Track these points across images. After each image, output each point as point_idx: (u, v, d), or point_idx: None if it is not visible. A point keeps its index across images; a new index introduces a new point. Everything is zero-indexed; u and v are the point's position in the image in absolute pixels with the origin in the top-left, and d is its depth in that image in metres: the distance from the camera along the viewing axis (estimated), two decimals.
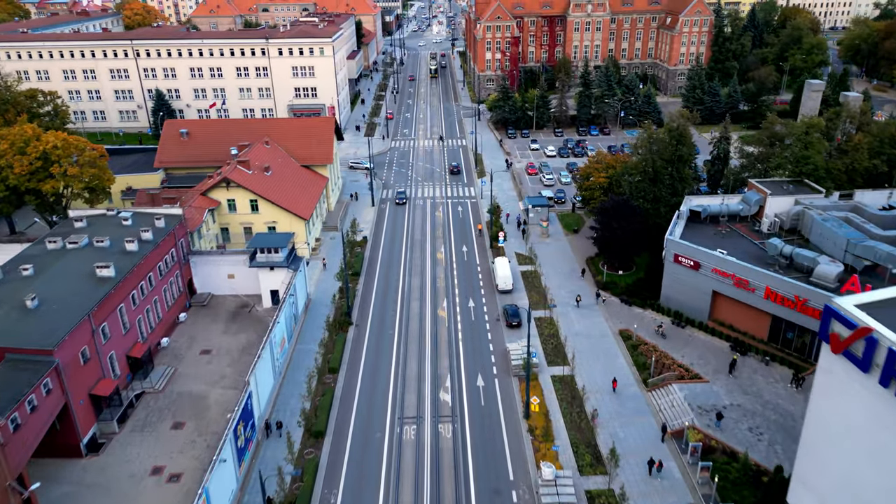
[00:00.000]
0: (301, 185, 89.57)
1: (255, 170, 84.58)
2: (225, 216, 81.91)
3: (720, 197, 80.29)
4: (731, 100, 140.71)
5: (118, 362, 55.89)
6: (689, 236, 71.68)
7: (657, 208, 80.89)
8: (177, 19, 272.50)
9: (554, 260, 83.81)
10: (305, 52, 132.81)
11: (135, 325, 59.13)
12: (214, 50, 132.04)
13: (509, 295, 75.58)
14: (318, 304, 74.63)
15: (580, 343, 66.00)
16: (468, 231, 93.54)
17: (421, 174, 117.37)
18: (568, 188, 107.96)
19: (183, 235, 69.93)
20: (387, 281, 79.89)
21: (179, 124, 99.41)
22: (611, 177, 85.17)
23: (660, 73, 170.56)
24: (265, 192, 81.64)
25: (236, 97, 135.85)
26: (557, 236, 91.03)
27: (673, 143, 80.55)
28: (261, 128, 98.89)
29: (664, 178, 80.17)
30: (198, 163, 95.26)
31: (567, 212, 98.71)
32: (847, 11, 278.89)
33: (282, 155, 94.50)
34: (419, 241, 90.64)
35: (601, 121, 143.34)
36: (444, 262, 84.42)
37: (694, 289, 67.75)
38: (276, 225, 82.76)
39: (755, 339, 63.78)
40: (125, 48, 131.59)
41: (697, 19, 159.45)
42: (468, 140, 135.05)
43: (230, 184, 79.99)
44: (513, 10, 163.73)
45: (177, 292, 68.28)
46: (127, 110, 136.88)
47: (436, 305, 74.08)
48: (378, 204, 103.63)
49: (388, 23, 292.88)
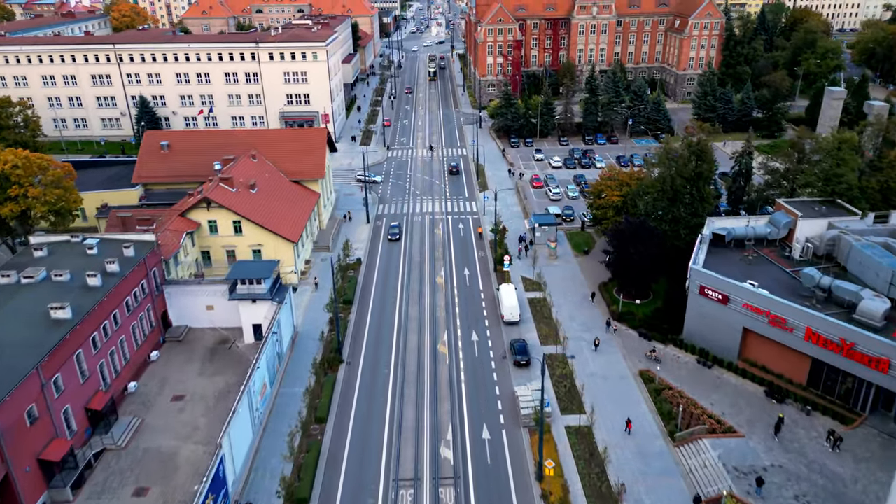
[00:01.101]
0: (290, 203, 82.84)
1: (239, 187, 77.87)
2: (205, 239, 75.17)
3: (745, 218, 73.77)
4: (745, 107, 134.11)
5: (75, 417, 49.19)
6: (714, 263, 65.14)
7: (676, 230, 74.29)
8: (168, 21, 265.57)
9: (564, 285, 77.16)
10: (298, 57, 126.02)
11: (96, 372, 52.37)
12: (202, 54, 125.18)
13: (516, 327, 68.91)
14: (306, 337, 67.87)
15: (597, 386, 59.32)
16: (470, 251, 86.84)
17: (419, 187, 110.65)
18: (576, 203, 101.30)
19: (156, 264, 63.21)
20: (382, 310, 73.16)
21: (160, 136, 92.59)
22: (625, 195, 78.51)
23: (668, 78, 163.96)
24: (249, 213, 74.91)
25: (225, 104, 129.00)
26: (567, 258, 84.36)
27: (693, 159, 74.02)
28: (248, 140, 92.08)
29: (684, 198, 73.55)
30: (179, 178, 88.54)
31: (576, 230, 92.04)
32: (855, 13, 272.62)
33: (269, 169, 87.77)
34: (417, 263, 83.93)
35: (608, 129, 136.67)
36: (444, 287, 77.71)
37: (722, 325, 61.10)
38: (262, 248, 76.06)
39: (793, 384, 57.12)
40: (107, 52, 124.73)
41: (707, 22, 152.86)
42: (469, 149, 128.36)
43: (211, 204, 73.25)
44: (515, 12, 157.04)
45: (148, 328, 61.55)
46: (110, 118, 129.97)
47: (436, 339, 67.36)
48: (374, 221, 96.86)
49: (385, 24, 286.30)
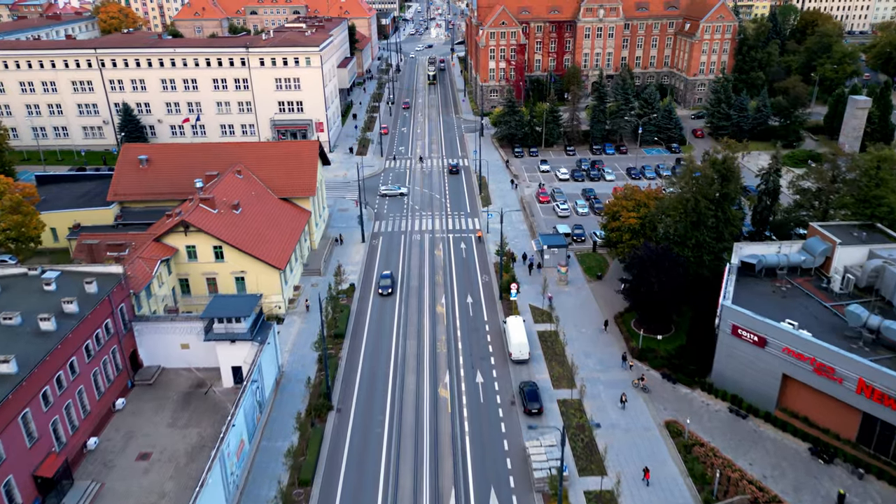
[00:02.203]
0: (277, 225, 76.19)
1: (221, 208, 71.20)
2: (184, 265, 68.53)
3: (775, 244, 67.20)
4: (761, 115, 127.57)
5: (19, 488, 42.52)
6: (743, 295, 58.66)
7: (699, 256, 67.77)
8: (161, 22, 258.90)
9: (576, 315, 70.56)
10: (290, 62, 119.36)
11: (47, 432, 45.74)
12: (188, 59, 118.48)
13: (525, 366, 62.28)
14: (292, 379, 61.15)
15: (618, 439, 52.67)
16: (473, 275, 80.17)
17: (418, 201, 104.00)
18: (586, 220, 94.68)
19: (123, 299, 56.55)
20: (377, 345, 66.46)
21: (137, 150, 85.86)
22: (643, 217, 71.88)
23: (677, 84, 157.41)
24: (232, 237, 68.24)
25: (213, 112, 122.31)
26: (578, 283, 77.74)
27: (718, 178, 67.48)
28: (234, 153, 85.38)
29: (707, 221, 66.98)
30: (159, 195, 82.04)
31: (587, 251, 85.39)
32: (864, 15, 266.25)
33: (256, 187, 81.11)
34: (416, 289, 77.27)
35: (616, 137, 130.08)
36: (445, 317, 71.05)
37: (758, 370, 54.49)
38: (245, 275, 69.41)
39: (840, 440, 50.55)
40: (88, 58, 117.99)
41: (720, 25, 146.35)
42: (470, 160, 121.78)
43: (189, 228, 66.58)
44: (518, 14, 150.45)
45: (113, 372, 54.90)
46: (91, 126, 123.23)
47: (436, 380, 60.67)
48: (369, 240, 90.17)
49: (384, 26, 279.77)
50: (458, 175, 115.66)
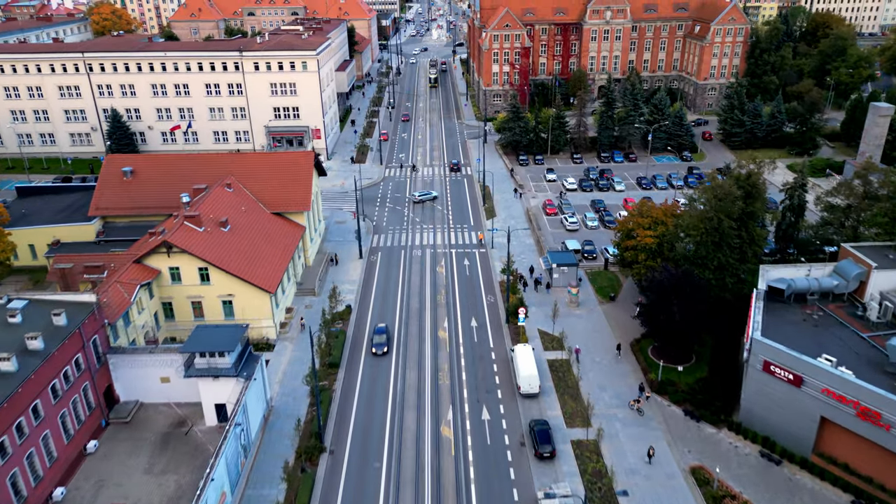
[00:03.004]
0: (269, 243, 71.37)
1: (208, 226, 66.38)
2: (167, 288, 63.70)
3: (804, 267, 62.35)
4: (775, 121, 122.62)
5: None
6: (772, 325, 53.97)
7: (721, 278, 62.97)
8: (158, 24, 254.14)
9: (589, 341, 65.71)
10: (286, 67, 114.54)
11: (5, 487, 40.92)
12: (179, 63, 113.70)
13: (535, 400, 57.44)
14: (282, 415, 56.33)
15: (639, 487, 47.82)
16: (478, 295, 75.32)
17: (419, 213, 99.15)
18: (596, 234, 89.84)
19: (97, 330, 51.77)
20: (374, 376, 61.60)
21: (121, 161, 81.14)
22: (660, 235, 66.98)
23: (687, 88, 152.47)
24: (219, 258, 63.39)
25: (206, 117, 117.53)
26: (589, 304, 72.90)
27: (742, 196, 62.60)
28: (224, 165, 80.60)
29: (731, 241, 62.15)
30: (144, 209, 77.52)
31: (598, 269, 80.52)
32: (874, 17, 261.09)
33: (247, 200, 76.30)
34: (416, 311, 72.44)
35: (625, 144, 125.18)
36: (448, 344, 66.22)
37: (792, 411, 49.63)
38: (233, 299, 64.58)
39: (885, 491, 45.69)
40: (76, 62, 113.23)
41: (731, 28, 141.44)
42: (473, 168, 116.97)
43: (172, 249, 61.76)
44: (522, 16, 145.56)
45: (85, 412, 50.10)
46: (79, 133, 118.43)
47: (438, 417, 55.84)
48: (367, 256, 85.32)
49: (384, 28, 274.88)
50: (460, 179, 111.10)
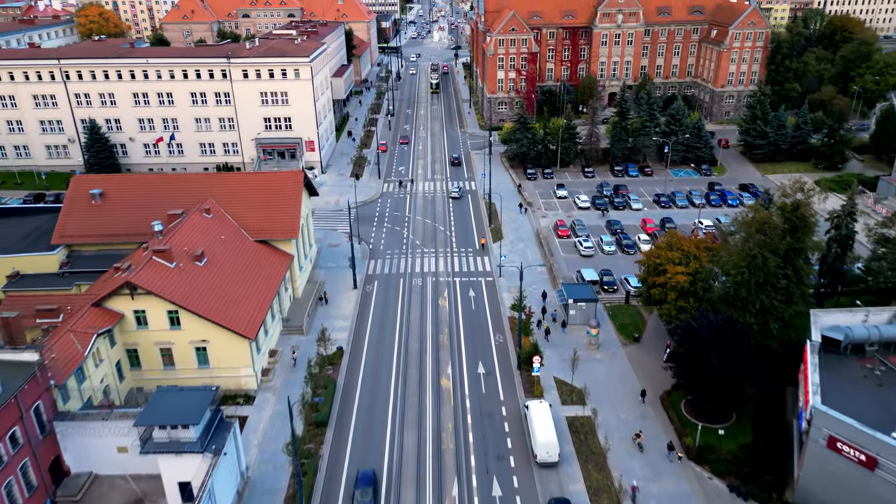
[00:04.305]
0: (251, 277, 63.48)
1: (181, 260, 58.51)
2: (131, 333, 55.83)
3: (860, 311, 54.49)
4: (801, 132, 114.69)
5: None
6: (829, 383, 46.53)
7: (764, 323, 55.17)
8: (151, 25, 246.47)
9: (613, 392, 57.84)
10: (277, 75, 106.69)
11: None
12: (163, 71, 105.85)
13: (554, 470, 49.56)
14: (259, 486, 48.43)
15: None
16: (485, 333, 67.45)
17: (420, 234, 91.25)
18: (614, 260, 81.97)
19: (40, 395, 43.93)
20: (367, 438, 53.56)
21: (89, 182, 73.29)
22: (693, 273, 59.04)
23: (702, 95, 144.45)
24: (191, 300, 55.50)
25: (192, 128, 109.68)
26: (611, 345, 64.98)
27: (789, 230, 54.77)
28: (203, 186, 72.75)
29: (777, 281, 54.29)
30: (115, 237, 69.93)
31: (619, 302, 72.61)
32: (890, 19, 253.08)
33: (228, 227, 68.43)
34: (416, 354, 64.54)
35: (640, 157, 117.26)
36: (452, 395, 58.32)
37: (864, 497, 41.69)
38: (208, 345, 56.72)
39: None
40: (51, 69, 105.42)
41: (751, 32, 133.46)
42: (478, 182, 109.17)
43: (137, 290, 53.92)
44: (529, 20, 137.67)
45: (22, 495, 42.19)
46: (56, 145, 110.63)
47: (441, 494, 47.91)
48: (362, 285, 77.43)
49: (384, 30, 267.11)
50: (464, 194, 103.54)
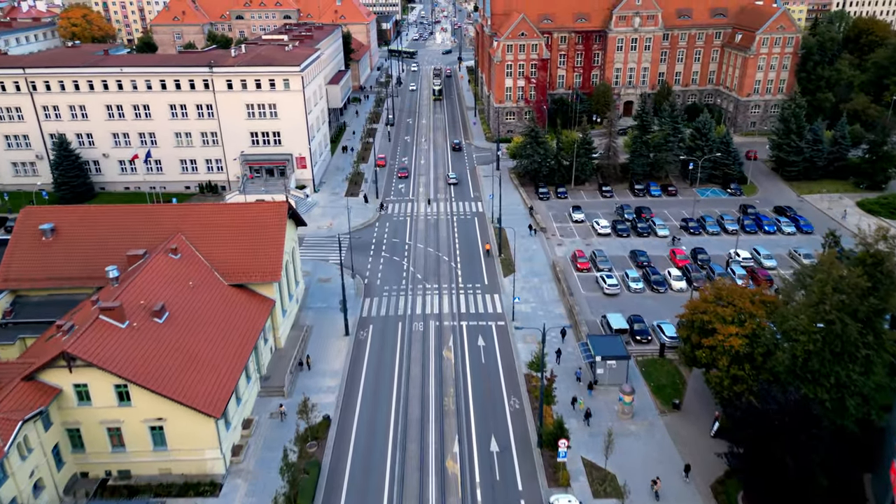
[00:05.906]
0: (222, 331, 53.67)
1: (135, 318, 48.75)
2: (72, 411, 46.10)
3: None
4: (838, 147, 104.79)
5: None
6: None
7: (839, 399, 45.30)
8: (142, 27, 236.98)
9: (651, 476, 47.93)
10: (265, 85, 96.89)
11: None
12: (139, 81, 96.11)
13: None
14: None
15: None
16: (498, 398, 57.48)
17: (421, 267, 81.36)
18: (641, 300, 72.16)
19: None
20: None
21: (40, 214, 63.35)
22: (750, 335, 49.11)
23: (725, 104, 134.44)
24: (143, 371, 45.69)
25: (171, 144, 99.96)
26: (647, 413, 55.08)
27: (869, 285, 44.93)
28: (172, 220, 62.97)
29: (858, 352, 44.46)
30: (68, 280, 60.31)
31: (652, 355, 62.70)
32: None
33: (198, 270, 58.66)
34: (416, 422, 54.70)
35: (662, 174, 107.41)
36: (459, 483, 48.47)
37: None
38: (164, 423, 46.96)
39: None
40: (16, 79, 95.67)
41: (780, 37, 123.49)
42: (485, 203, 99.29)
43: (75, 361, 44.16)
44: (539, 23, 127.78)
45: None
46: (22, 162, 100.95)
47: None
48: (355, 331, 67.58)
49: (384, 31, 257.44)
50: (470, 218, 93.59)
